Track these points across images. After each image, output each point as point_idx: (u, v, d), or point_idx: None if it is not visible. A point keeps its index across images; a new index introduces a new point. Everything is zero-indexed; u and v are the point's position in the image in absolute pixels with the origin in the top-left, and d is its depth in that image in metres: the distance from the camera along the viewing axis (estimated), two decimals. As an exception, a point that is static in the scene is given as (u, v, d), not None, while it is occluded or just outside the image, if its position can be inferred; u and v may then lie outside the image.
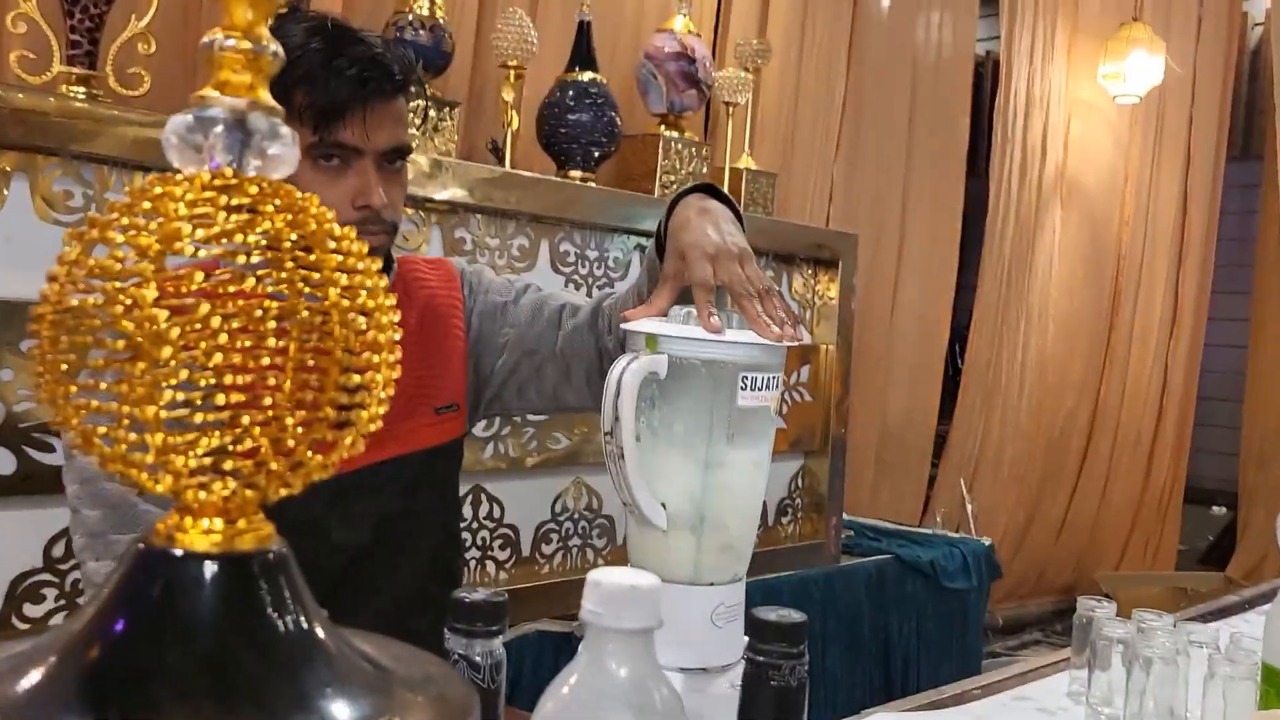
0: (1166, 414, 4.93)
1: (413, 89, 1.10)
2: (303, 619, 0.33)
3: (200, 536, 0.32)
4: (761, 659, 0.58)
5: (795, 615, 0.59)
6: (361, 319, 0.32)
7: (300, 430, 0.31)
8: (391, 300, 0.34)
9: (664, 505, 0.87)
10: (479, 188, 2.16)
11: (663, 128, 2.78)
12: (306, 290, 0.30)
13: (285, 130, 0.33)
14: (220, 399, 0.30)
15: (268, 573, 0.33)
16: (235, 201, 0.31)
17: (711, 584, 0.87)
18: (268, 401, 0.30)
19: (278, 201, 0.31)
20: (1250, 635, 1.25)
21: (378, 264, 0.34)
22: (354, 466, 1.03)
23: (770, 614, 0.59)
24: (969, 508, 3.46)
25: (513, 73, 2.47)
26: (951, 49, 4.18)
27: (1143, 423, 4.85)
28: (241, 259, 0.30)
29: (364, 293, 0.32)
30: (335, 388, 0.31)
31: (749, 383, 0.86)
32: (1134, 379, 4.81)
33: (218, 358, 0.29)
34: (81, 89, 1.69)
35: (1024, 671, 1.49)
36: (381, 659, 0.36)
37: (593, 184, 2.52)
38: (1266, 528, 4.92)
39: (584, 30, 2.62)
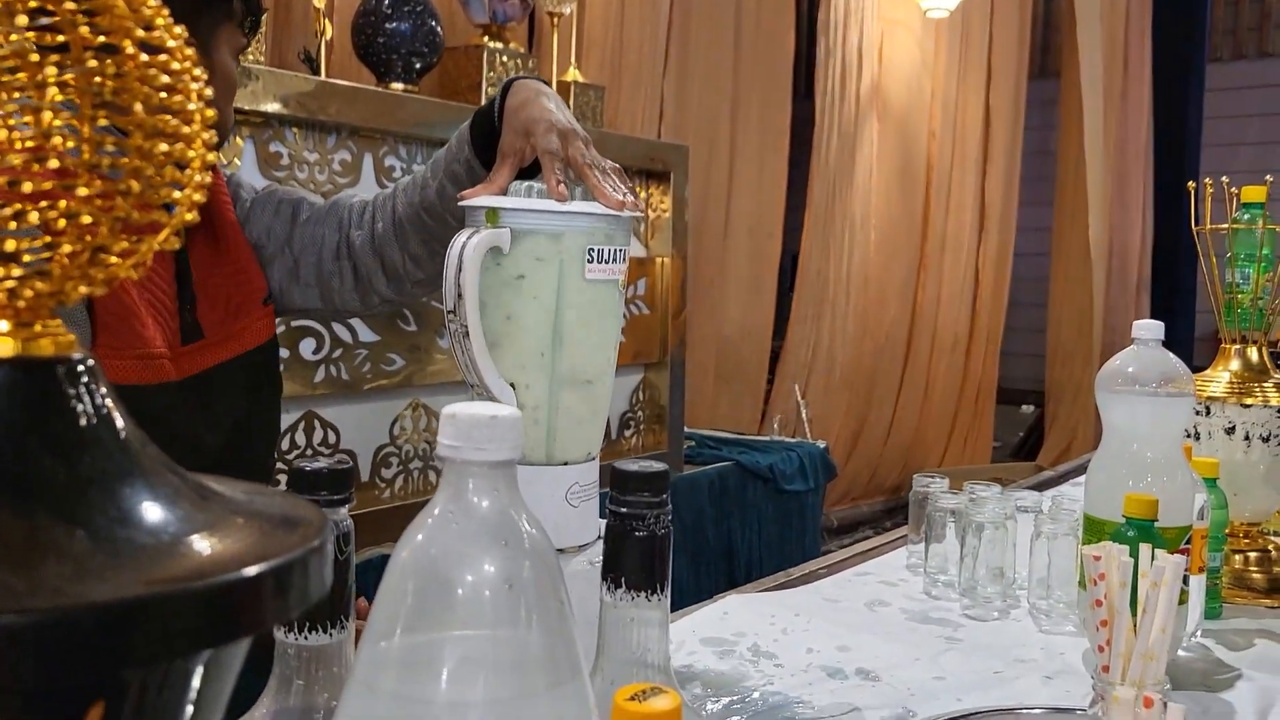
0: (979, 318, 5.22)
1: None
2: (119, 434, 0.29)
3: (-16, 342, 0.27)
4: (625, 510, 0.57)
5: (656, 465, 0.58)
6: (165, 77, 0.27)
7: (98, 205, 0.27)
8: (201, 73, 0.30)
9: (513, 385, 0.84)
10: (294, 99, 2.03)
11: (486, 39, 2.68)
12: (87, 26, 0.25)
13: None
14: (-8, 159, 0.25)
15: (74, 381, 0.28)
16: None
17: (565, 463, 0.85)
18: (54, 164, 0.25)
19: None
20: (1070, 498, 1.33)
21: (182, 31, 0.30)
22: (207, 365, 1.06)
23: (631, 465, 0.58)
24: (804, 413, 3.57)
25: (323, -23, 2.33)
26: (773, -32, 4.21)
27: (958, 327, 5.11)
28: (8, -7, 0.25)
29: (166, 54, 0.28)
30: (139, 155, 0.27)
31: (596, 255, 0.83)
32: (948, 285, 5.05)
33: (-14, 107, 0.24)
34: None
35: (865, 550, 1.55)
36: (220, 488, 0.32)
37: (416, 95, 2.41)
38: (1069, 419, 5.30)
39: (399, -68, 2.49)
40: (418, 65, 2.48)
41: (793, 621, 1.20)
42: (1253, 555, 1.34)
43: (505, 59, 2.66)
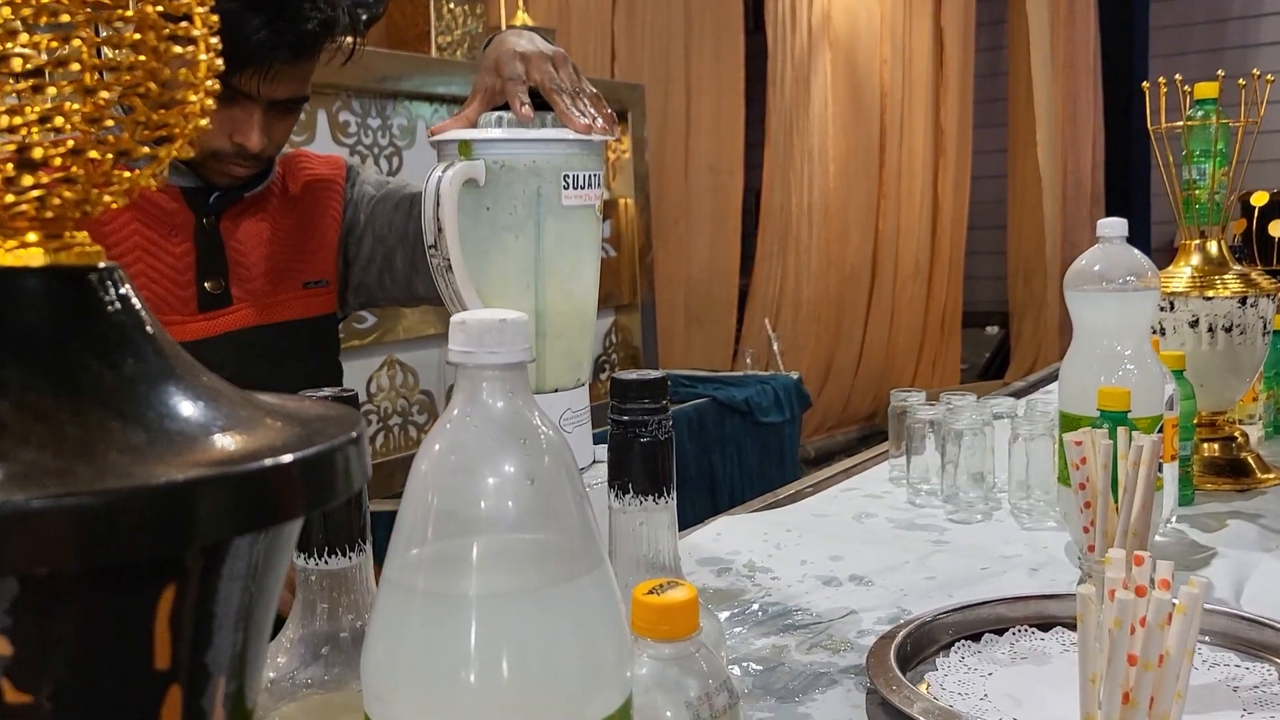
0: (940, 243, 5.26)
1: (335, 36, 1.05)
2: (153, 338, 0.30)
3: (19, 253, 0.28)
4: (627, 418, 0.58)
5: (654, 373, 0.59)
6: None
7: (120, 110, 0.27)
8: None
9: (499, 316, 0.84)
10: (242, 58, 2.00)
11: (432, -14, 2.64)
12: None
13: None
14: (17, 64, 0.25)
15: (106, 288, 0.29)
16: None
17: (556, 390, 0.86)
18: (76, 68, 0.26)
19: None
20: (1043, 402, 1.36)
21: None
22: (216, 331, 1.08)
23: (630, 374, 0.59)
24: (775, 345, 3.60)
25: (261, -68, 2.28)
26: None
27: (919, 254, 5.15)
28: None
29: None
30: (155, 57, 0.27)
31: (571, 181, 0.84)
32: (907, 212, 5.08)
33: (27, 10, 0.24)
34: None
35: (849, 467, 1.58)
36: (252, 394, 0.33)
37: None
38: (1034, 336, 5.38)
39: (334, -118, 2.44)
40: (364, 17, 2.43)
41: (784, 537, 1.22)
42: (1220, 442, 1.38)
43: (452, 6, 2.62)
